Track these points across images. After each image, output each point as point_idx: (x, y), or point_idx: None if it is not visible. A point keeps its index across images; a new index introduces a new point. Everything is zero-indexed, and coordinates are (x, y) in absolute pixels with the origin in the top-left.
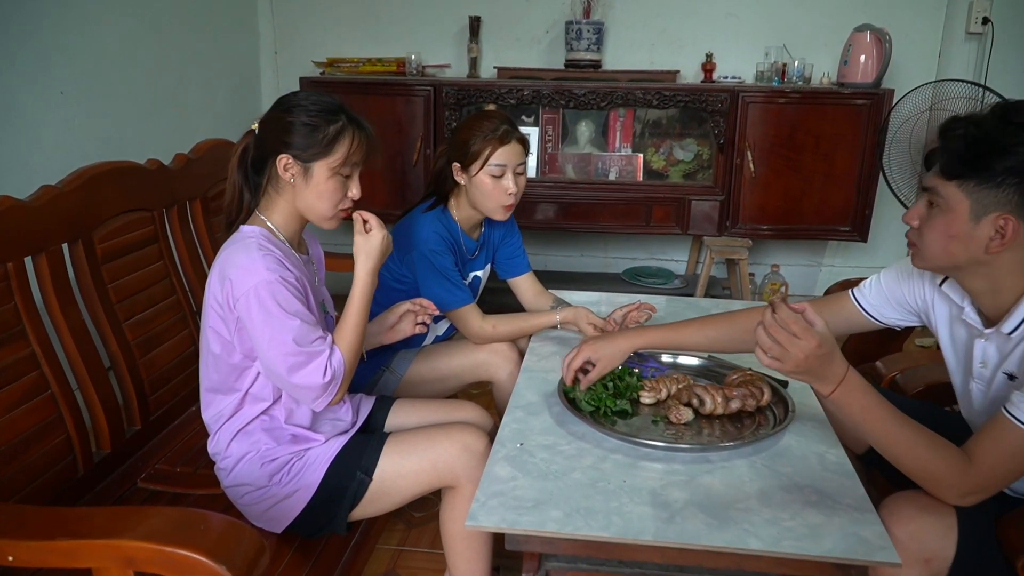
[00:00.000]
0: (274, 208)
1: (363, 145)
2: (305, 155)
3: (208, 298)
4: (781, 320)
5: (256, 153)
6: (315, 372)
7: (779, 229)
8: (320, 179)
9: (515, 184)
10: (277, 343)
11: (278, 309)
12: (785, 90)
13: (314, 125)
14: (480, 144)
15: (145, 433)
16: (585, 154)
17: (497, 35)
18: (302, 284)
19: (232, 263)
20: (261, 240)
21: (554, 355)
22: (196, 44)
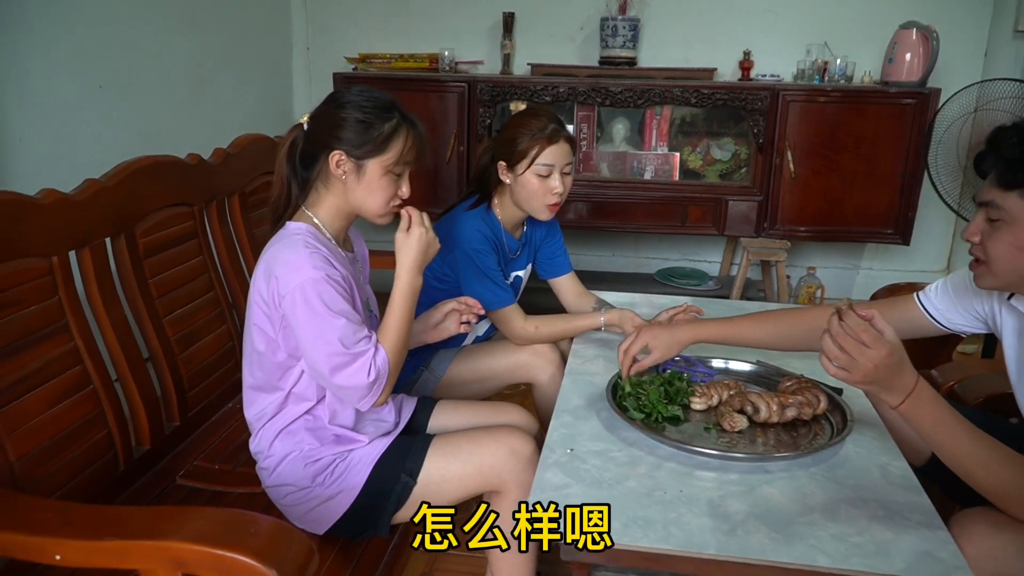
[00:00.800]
0: (322, 204)
1: (416, 144)
2: (359, 152)
3: (253, 294)
4: (849, 328)
5: (306, 147)
6: (360, 372)
7: (818, 231)
8: (373, 177)
9: (561, 184)
10: (322, 342)
11: (324, 308)
12: (827, 89)
13: (368, 122)
14: (527, 143)
15: (184, 429)
16: (620, 152)
17: (531, 31)
18: (348, 282)
19: (278, 260)
20: (308, 237)
21: (598, 358)
22: (230, 39)
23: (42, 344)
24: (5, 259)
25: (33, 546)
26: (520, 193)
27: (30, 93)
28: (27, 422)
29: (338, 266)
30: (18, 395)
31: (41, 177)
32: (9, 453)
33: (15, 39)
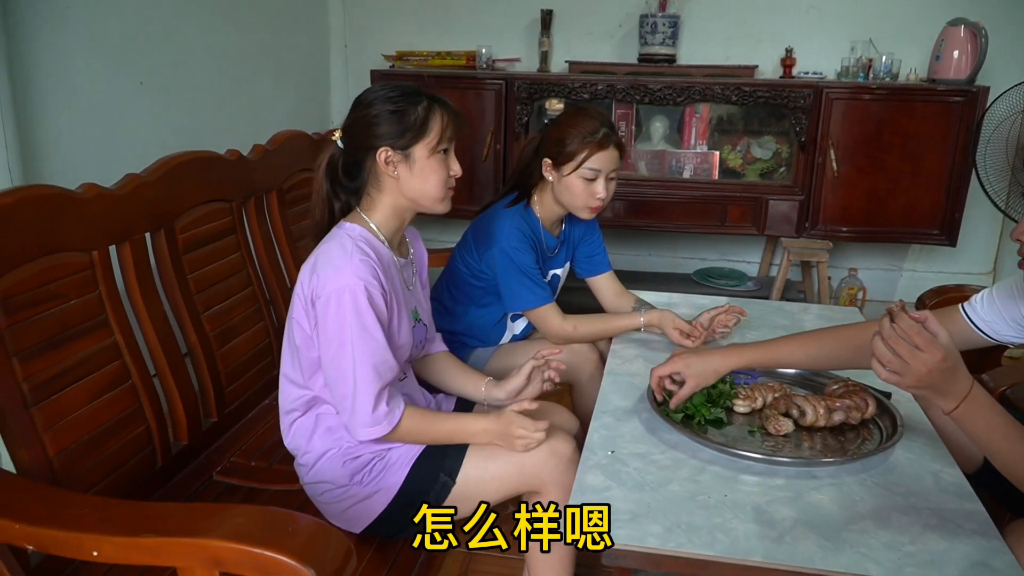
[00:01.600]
0: (375, 207)
1: (452, 120)
2: (402, 142)
3: (297, 287)
4: (901, 331)
5: (348, 159)
6: (366, 398)
7: (861, 231)
8: (422, 161)
9: (605, 189)
10: (340, 355)
11: (355, 320)
12: (872, 86)
13: (402, 111)
14: (577, 145)
15: (221, 425)
16: (659, 151)
17: (569, 28)
18: (390, 295)
19: (327, 258)
20: (360, 241)
21: (637, 358)
22: (269, 37)
23: (81, 339)
24: (45, 253)
25: (71, 542)
26: (563, 193)
27: (70, 89)
28: (66, 417)
29: (383, 276)
30: (57, 390)
31: (80, 173)
32: (48, 448)
33: (56, 35)
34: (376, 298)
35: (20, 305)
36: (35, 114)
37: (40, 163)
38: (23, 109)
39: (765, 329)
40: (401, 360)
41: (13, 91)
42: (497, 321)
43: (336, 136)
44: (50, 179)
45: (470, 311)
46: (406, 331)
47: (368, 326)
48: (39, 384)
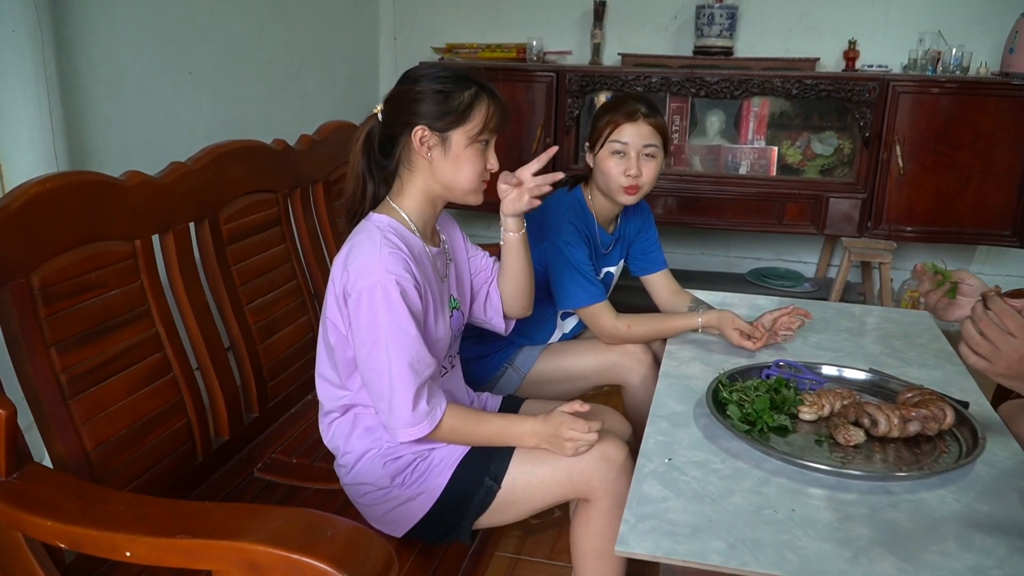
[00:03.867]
0: (407, 192)
1: (498, 111)
2: (441, 124)
3: (329, 284)
4: (993, 315)
5: (384, 133)
6: (404, 397)
7: (927, 231)
8: (459, 149)
9: (636, 166)
10: (375, 354)
11: (388, 317)
12: (941, 80)
13: (447, 92)
14: (604, 121)
15: (263, 421)
16: (714, 146)
17: (622, 20)
18: (424, 287)
19: (357, 253)
20: (388, 232)
21: (694, 360)
22: (319, 28)
23: (123, 329)
24: (87, 241)
25: (104, 541)
26: (599, 177)
27: (119, 77)
28: (105, 410)
29: (416, 268)
30: (96, 381)
31: (128, 161)
32: (85, 441)
33: (106, 23)
34: (409, 292)
35: (60, 294)
36: (84, 101)
37: (88, 150)
38: (71, 96)
39: (828, 332)
40: (440, 354)
41: (61, 78)
42: (547, 319)
43: (378, 109)
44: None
45: None
46: (443, 323)
47: (402, 322)
48: (77, 375)
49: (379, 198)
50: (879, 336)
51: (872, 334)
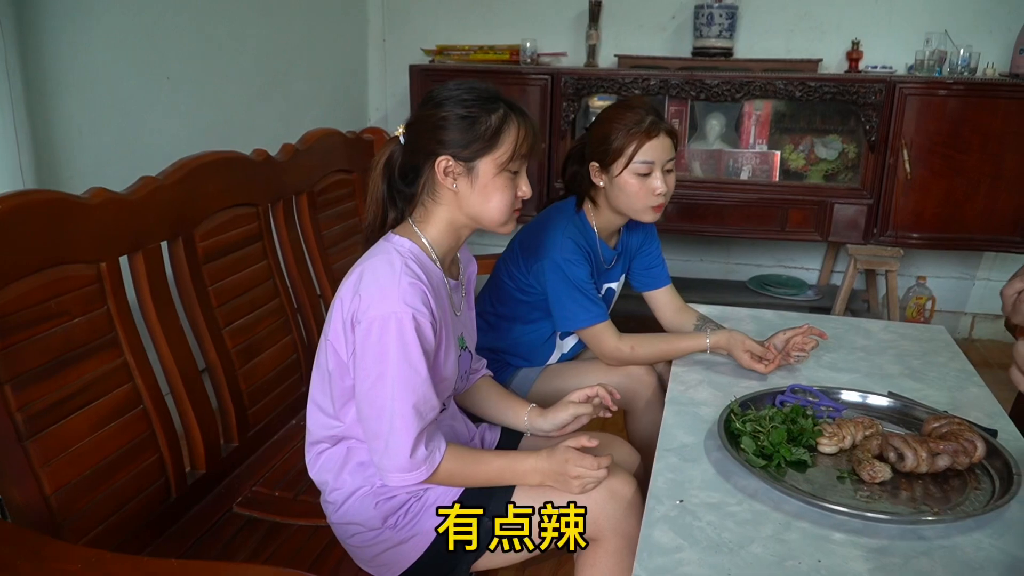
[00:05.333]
0: (430, 220)
1: (529, 135)
2: (467, 152)
3: (335, 306)
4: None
5: (406, 160)
6: (404, 439)
7: (935, 238)
8: (487, 178)
9: (664, 183)
10: (379, 389)
11: (399, 352)
12: (948, 81)
13: (473, 117)
14: (623, 139)
15: (243, 450)
16: (715, 151)
17: (618, 21)
18: (439, 323)
19: (372, 277)
20: (410, 260)
21: (702, 384)
22: (304, 31)
23: (87, 360)
24: (47, 266)
25: None
26: (618, 196)
27: (92, 84)
28: (67, 449)
29: (434, 301)
30: (57, 419)
31: (102, 174)
32: (45, 486)
33: (76, 25)
34: (424, 328)
35: (16, 325)
36: (52, 110)
37: (58, 164)
38: (38, 105)
39: (842, 350)
40: (444, 395)
41: (26, 86)
42: (545, 339)
43: (400, 132)
44: (68, 181)
45: (515, 328)
46: (452, 362)
47: (413, 360)
48: (35, 413)
49: (400, 220)
50: (896, 355)
51: (888, 353)
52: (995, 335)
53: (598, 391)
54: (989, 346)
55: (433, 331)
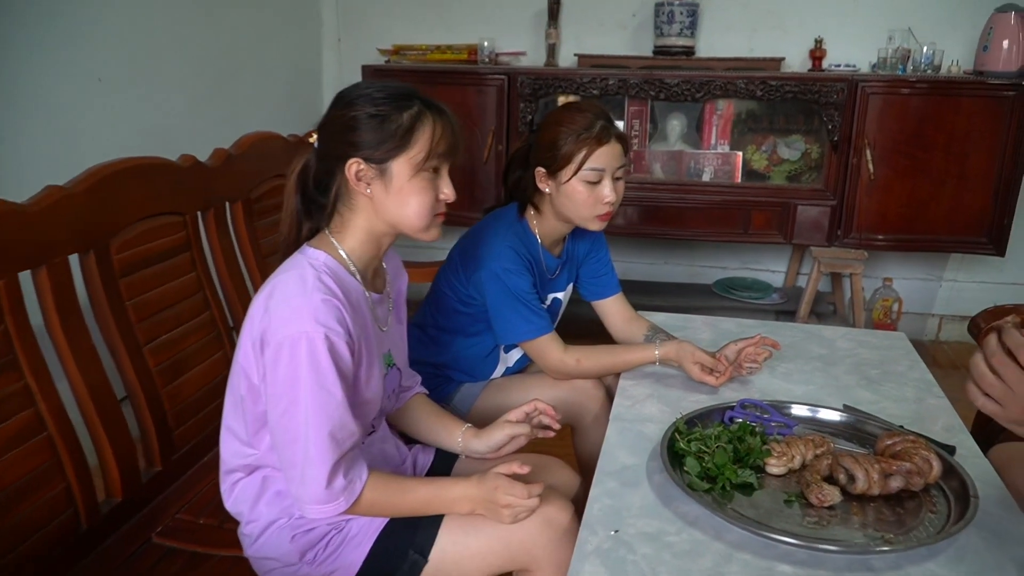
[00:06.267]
0: (347, 230)
1: (447, 133)
2: (379, 153)
3: (245, 325)
4: (1011, 349)
5: (319, 167)
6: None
7: (899, 239)
8: (402, 180)
9: (613, 191)
10: (291, 416)
11: (311, 375)
12: (911, 79)
13: (384, 115)
14: (572, 145)
15: (166, 475)
16: (676, 151)
17: (578, 19)
18: (358, 342)
19: (282, 294)
20: (324, 274)
21: (650, 399)
22: (252, 29)
23: None
24: None
25: None
26: (565, 204)
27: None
28: None
29: (351, 318)
30: None
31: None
32: None
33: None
34: (339, 348)
35: None
36: None
37: None
38: None
39: (798, 360)
40: (369, 416)
41: None
42: (488, 353)
43: (313, 138)
44: None
45: (456, 340)
46: (376, 383)
47: (327, 383)
48: None
49: (316, 232)
50: (853, 364)
51: (846, 362)
52: (963, 337)
53: (536, 406)
54: (957, 348)
55: (350, 350)
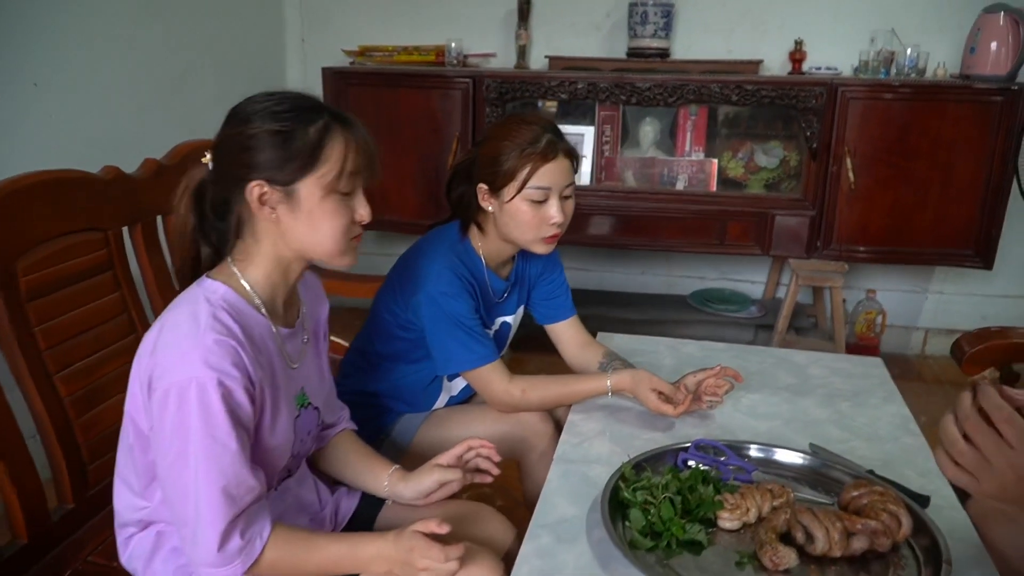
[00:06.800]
0: (251, 259)
1: (361, 148)
2: (283, 175)
3: (134, 366)
4: (987, 411)
5: (216, 191)
6: (211, 530)
7: (882, 252)
8: (312, 203)
9: (561, 212)
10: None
11: (202, 426)
12: (894, 84)
13: (287, 132)
14: (516, 161)
15: (79, 513)
16: (648, 158)
17: (550, 20)
18: (260, 386)
19: (172, 334)
20: (220, 309)
21: (599, 436)
22: (207, 28)
23: None
24: None
25: None
26: (508, 224)
27: None
28: None
29: (252, 359)
30: None
31: None
32: None
33: None
34: (236, 395)
35: None
36: None
37: None
38: None
39: (766, 390)
40: (276, 466)
41: None
42: (430, 381)
43: (206, 158)
44: None
45: (397, 368)
46: (284, 427)
47: (220, 435)
48: None
49: (217, 261)
50: (825, 395)
51: (817, 392)
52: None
53: (470, 445)
54: (943, 363)
55: (250, 397)
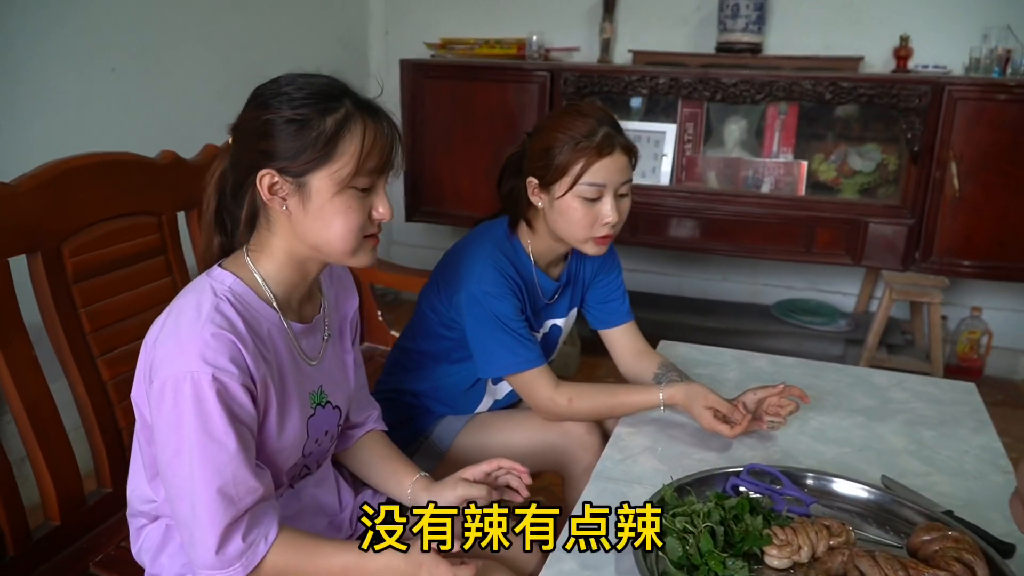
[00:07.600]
0: (266, 250)
1: (382, 142)
2: (295, 166)
3: (141, 352)
4: None
5: (233, 175)
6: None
7: (987, 267)
8: (323, 198)
9: (615, 211)
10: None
11: (196, 422)
12: (1008, 83)
13: (302, 120)
14: (569, 155)
15: (119, 497)
16: (733, 159)
17: (636, 13)
18: (264, 383)
19: (174, 323)
20: (224, 301)
21: (645, 453)
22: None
23: None
24: None
25: None
26: (557, 221)
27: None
28: None
29: (255, 355)
30: None
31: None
32: None
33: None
34: (233, 391)
35: None
36: None
37: None
38: None
39: (838, 413)
40: (284, 466)
41: None
42: (473, 383)
43: (230, 140)
44: None
45: (440, 368)
46: (294, 426)
47: (216, 433)
48: None
49: (233, 248)
50: (906, 422)
51: (896, 419)
52: None
53: (501, 465)
54: None
55: (250, 394)
